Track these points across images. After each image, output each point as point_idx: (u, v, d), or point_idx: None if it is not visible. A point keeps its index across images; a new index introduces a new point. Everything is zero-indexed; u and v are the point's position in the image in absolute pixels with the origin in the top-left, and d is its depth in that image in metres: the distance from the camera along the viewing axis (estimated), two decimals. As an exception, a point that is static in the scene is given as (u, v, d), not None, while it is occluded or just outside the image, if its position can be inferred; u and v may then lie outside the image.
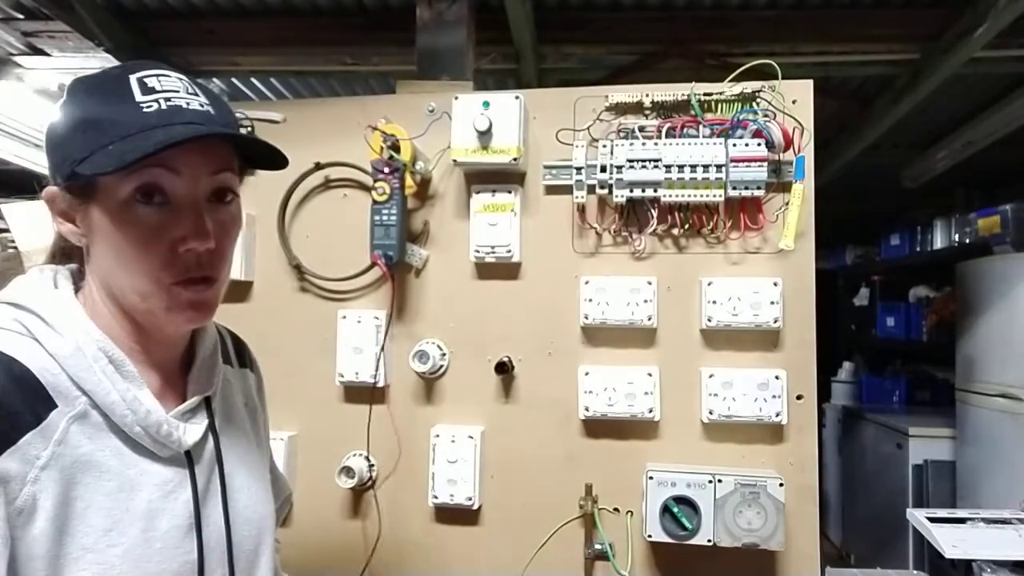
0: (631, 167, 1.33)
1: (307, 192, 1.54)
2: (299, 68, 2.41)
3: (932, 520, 1.64)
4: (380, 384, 1.44)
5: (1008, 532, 1.57)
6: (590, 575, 1.38)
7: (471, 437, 1.40)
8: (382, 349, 1.44)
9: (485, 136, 1.35)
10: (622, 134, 1.38)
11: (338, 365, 1.46)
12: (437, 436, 1.41)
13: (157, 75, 0.68)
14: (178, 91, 0.68)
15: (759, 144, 1.31)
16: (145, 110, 0.65)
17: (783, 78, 1.35)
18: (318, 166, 1.51)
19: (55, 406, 0.62)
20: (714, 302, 1.34)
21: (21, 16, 2.24)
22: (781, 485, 1.26)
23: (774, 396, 1.32)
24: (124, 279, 0.68)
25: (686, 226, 1.38)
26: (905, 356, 4.42)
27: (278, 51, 2.29)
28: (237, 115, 1.51)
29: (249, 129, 1.52)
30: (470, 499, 1.39)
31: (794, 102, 1.37)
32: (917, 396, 4.09)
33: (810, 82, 1.37)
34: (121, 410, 0.66)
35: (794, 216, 1.28)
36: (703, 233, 1.38)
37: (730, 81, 1.37)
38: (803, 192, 1.30)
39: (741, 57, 2.10)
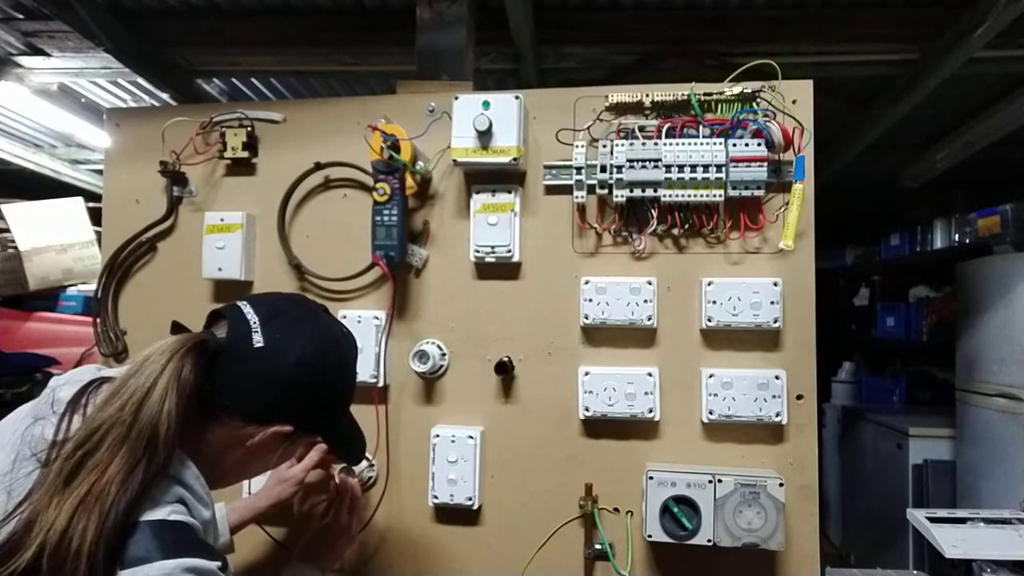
0: (631, 167, 1.33)
1: (307, 192, 1.53)
2: (299, 68, 2.41)
3: (932, 520, 1.64)
4: (380, 384, 1.44)
5: (1008, 532, 1.57)
6: (590, 575, 1.38)
7: (471, 437, 1.40)
8: (380, 348, 1.44)
9: (485, 136, 1.35)
10: (622, 134, 1.38)
11: (338, 365, 1.46)
12: (437, 436, 1.41)
13: None
14: None
15: (759, 144, 1.31)
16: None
17: (783, 78, 1.35)
18: (318, 166, 1.51)
19: None
20: (714, 302, 1.34)
21: (21, 16, 2.24)
22: (781, 485, 1.26)
23: (774, 396, 1.32)
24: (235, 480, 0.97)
25: (686, 226, 1.38)
26: (905, 356, 4.42)
27: (278, 51, 2.30)
28: (237, 114, 1.53)
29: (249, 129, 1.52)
30: (470, 499, 1.39)
31: (794, 102, 1.37)
32: (917, 396, 4.09)
33: (810, 82, 1.37)
34: None
35: (794, 216, 1.28)
36: (703, 233, 1.38)
37: (730, 81, 1.37)
38: (803, 192, 1.30)
39: (741, 57, 2.10)
